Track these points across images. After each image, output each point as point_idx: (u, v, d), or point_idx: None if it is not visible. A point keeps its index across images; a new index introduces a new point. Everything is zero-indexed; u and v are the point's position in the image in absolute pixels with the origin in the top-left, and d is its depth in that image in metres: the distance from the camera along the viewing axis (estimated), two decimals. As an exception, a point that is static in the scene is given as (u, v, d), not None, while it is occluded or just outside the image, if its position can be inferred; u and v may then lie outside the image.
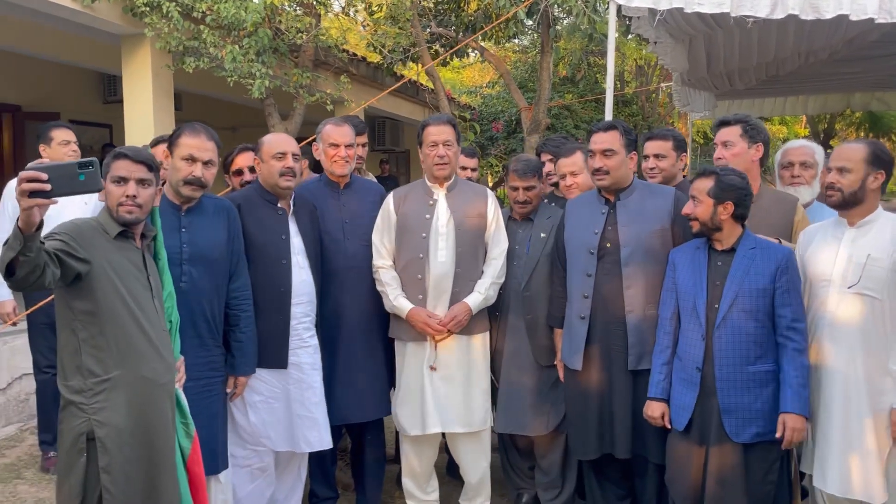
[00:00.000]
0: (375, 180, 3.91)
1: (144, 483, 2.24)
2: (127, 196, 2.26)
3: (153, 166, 2.34)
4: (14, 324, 4.03)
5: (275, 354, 2.99)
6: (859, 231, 2.62)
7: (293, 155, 3.04)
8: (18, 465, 4.21)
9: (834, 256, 2.63)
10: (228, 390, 2.88)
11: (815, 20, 4.44)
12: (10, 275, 1.91)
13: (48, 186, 1.82)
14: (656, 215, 2.97)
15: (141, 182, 2.29)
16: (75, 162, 1.89)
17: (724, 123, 3.10)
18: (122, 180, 2.28)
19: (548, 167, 3.72)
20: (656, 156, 3.40)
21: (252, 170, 3.35)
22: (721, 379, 2.60)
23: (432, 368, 3.15)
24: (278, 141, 3.08)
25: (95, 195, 3.20)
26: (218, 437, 2.82)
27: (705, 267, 2.70)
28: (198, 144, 2.69)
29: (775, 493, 2.61)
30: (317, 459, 3.33)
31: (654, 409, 2.79)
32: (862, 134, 12.70)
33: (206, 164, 2.71)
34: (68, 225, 2.25)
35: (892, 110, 10.59)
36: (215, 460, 2.79)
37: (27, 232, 1.84)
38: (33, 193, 1.81)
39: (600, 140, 2.98)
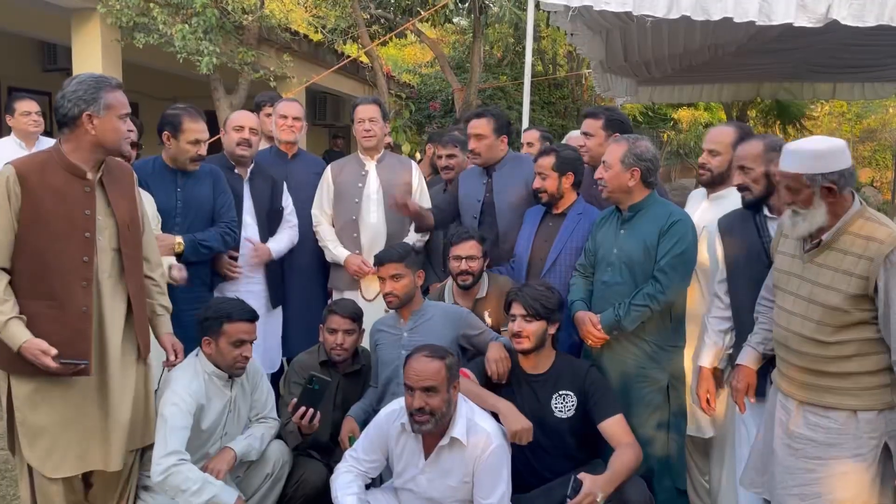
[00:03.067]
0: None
1: None
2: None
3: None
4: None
5: None
6: (711, 204, 3.07)
7: (250, 129, 3.55)
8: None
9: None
10: None
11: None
12: None
13: None
14: (523, 181, 3.51)
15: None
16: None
17: (589, 115, 3.51)
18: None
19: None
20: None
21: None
22: None
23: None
24: (238, 117, 3.62)
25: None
26: None
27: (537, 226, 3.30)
28: (201, 129, 3.26)
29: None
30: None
31: None
32: (771, 121, 13.65)
33: (205, 142, 3.28)
34: None
35: (797, 100, 11.47)
36: None
37: None
38: None
39: (474, 125, 3.53)
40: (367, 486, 2.76)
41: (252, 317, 2.79)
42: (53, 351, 2.26)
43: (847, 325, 2.18)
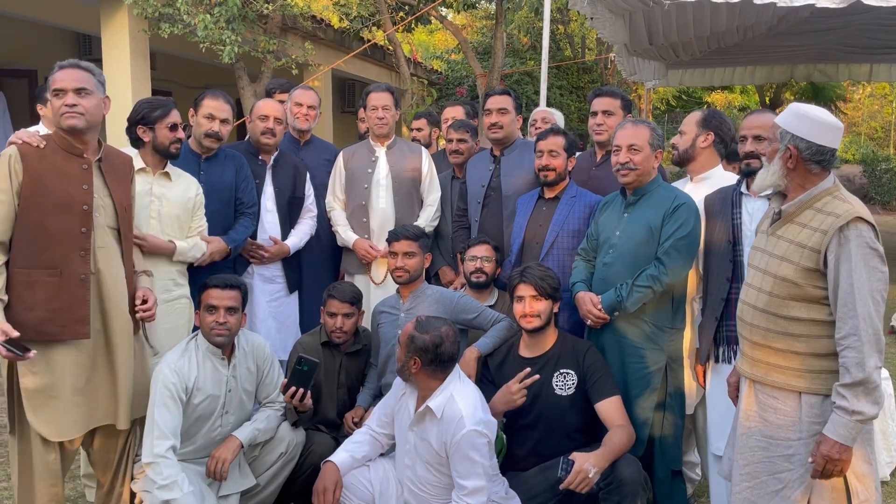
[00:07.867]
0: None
1: None
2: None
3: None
4: None
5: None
6: (696, 186, 3.12)
7: (275, 118, 3.62)
8: None
9: None
10: None
11: (740, -1, 4.94)
12: None
13: None
14: (532, 167, 3.53)
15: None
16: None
17: (606, 94, 3.54)
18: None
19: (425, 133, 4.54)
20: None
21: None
22: None
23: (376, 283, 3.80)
24: (260, 105, 3.69)
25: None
26: None
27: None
28: (217, 105, 3.33)
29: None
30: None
31: None
32: (806, 103, 13.35)
33: (220, 120, 3.34)
34: None
35: (832, 81, 11.22)
36: None
37: None
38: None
39: (498, 101, 3.60)
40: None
41: (224, 284, 2.87)
42: (14, 333, 2.37)
43: (797, 298, 2.16)
